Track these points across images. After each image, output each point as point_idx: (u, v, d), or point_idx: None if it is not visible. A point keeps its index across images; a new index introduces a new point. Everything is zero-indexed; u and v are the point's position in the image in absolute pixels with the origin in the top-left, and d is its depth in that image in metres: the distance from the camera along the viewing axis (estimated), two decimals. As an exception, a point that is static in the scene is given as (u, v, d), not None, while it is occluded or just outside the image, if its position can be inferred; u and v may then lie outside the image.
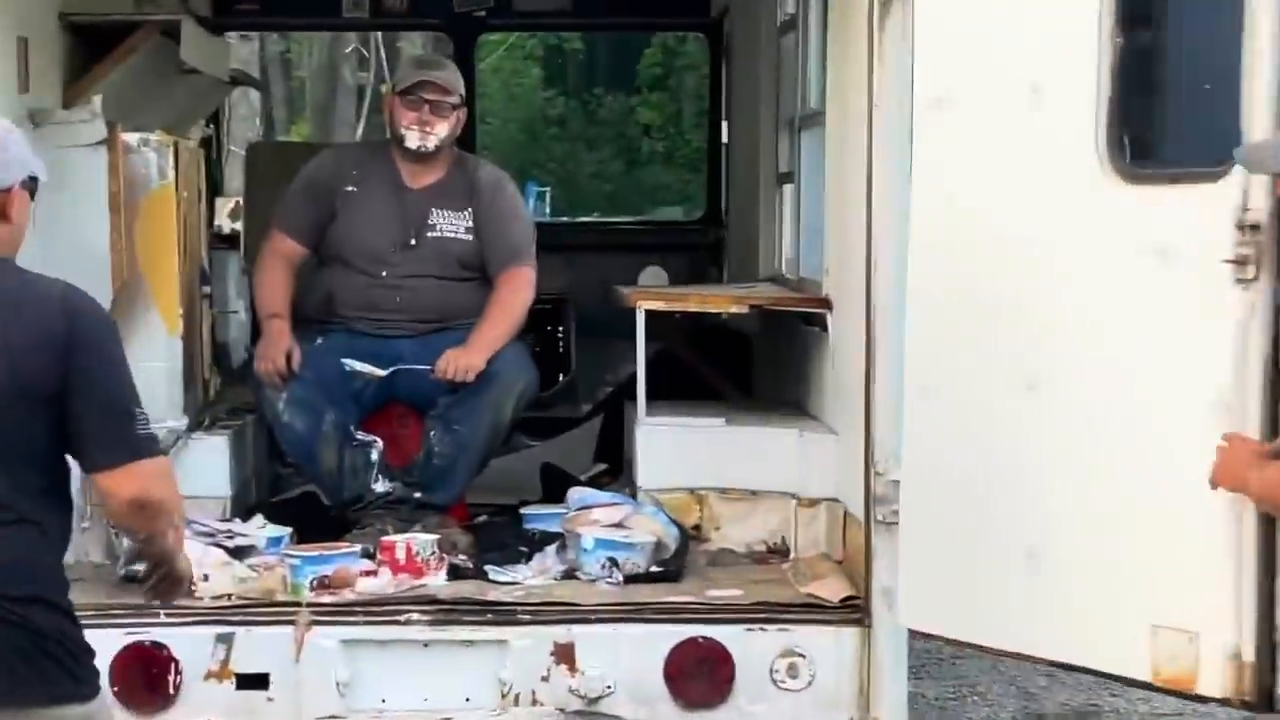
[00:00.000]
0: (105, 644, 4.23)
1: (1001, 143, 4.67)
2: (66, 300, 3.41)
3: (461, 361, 5.98)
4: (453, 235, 6.25)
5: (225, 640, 5.08)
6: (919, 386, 4.83)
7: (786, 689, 5.14)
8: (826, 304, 5.90)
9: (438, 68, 6.35)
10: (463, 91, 6.34)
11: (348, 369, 6.04)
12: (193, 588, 5.19)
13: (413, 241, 6.23)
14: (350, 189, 6.30)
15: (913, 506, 4.89)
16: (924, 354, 4.82)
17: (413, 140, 6.21)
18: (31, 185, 3.54)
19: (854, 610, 5.18)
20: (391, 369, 6.08)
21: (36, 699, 3.36)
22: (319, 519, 6.03)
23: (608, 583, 5.42)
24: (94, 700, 3.49)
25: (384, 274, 6.21)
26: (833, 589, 5.30)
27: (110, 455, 3.42)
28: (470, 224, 6.27)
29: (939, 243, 4.79)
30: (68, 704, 3.41)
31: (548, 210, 26.55)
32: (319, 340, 6.12)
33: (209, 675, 5.08)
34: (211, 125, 9.45)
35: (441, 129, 6.22)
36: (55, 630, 3.40)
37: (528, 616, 5.21)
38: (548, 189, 28.31)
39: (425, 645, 5.17)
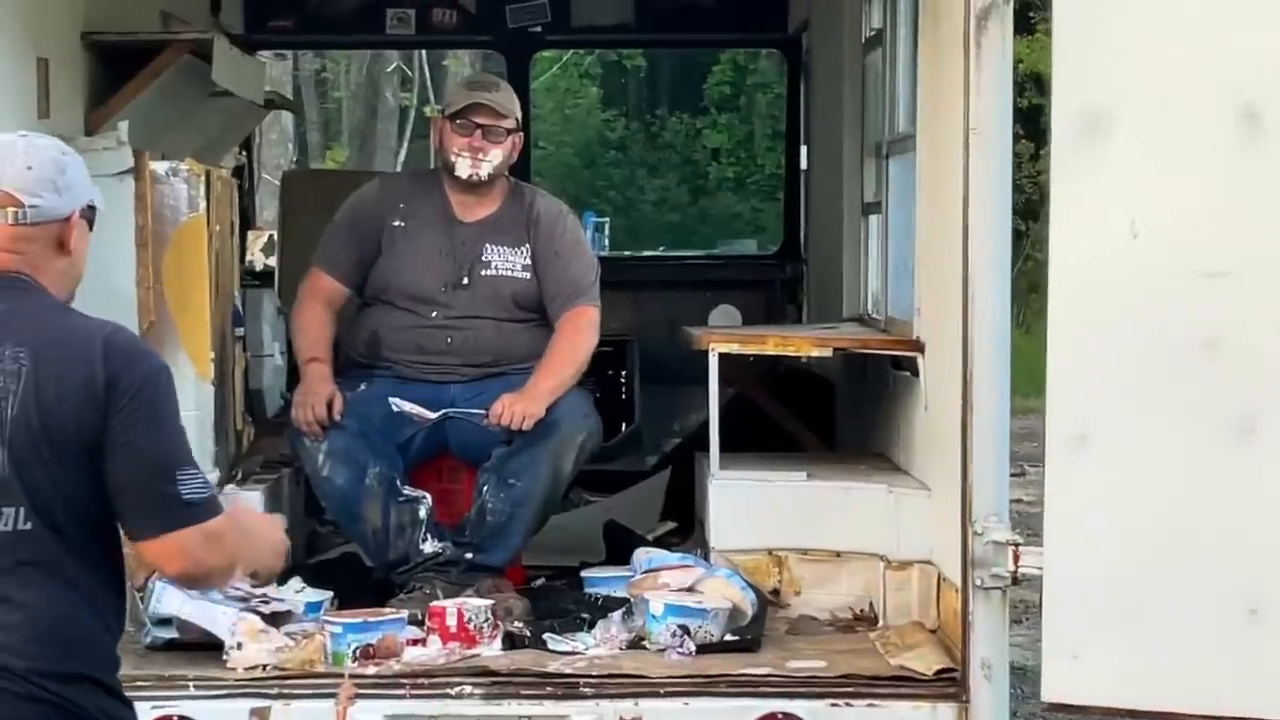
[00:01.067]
0: (131, 719, 4.24)
1: (1198, 169, 4.70)
2: (109, 345, 3.40)
3: (518, 408, 6.00)
4: (508, 273, 6.28)
5: (260, 715, 5.09)
6: (1069, 437, 4.84)
7: (875, 771, 5.12)
8: (918, 346, 5.89)
9: (491, 89, 6.38)
10: (519, 115, 6.38)
11: (395, 408, 6.06)
12: (225, 658, 5.22)
13: (465, 280, 6.26)
14: (397, 223, 6.33)
15: (1061, 567, 4.87)
16: (1075, 401, 4.84)
17: (464, 169, 6.25)
18: (90, 215, 3.57)
19: (950, 684, 5.15)
20: (441, 413, 6.10)
21: None
22: (362, 582, 6.05)
23: (678, 653, 5.41)
24: None
25: (434, 315, 6.24)
26: (926, 661, 5.28)
27: (151, 525, 3.39)
28: (527, 261, 6.30)
29: (1099, 279, 4.82)
30: None
31: (607, 243, 26.69)
32: (362, 386, 6.15)
33: (242, 754, 5.10)
34: (244, 152, 9.55)
35: (495, 156, 6.25)
36: (96, 708, 3.40)
37: (590, 690, 5.19)
38: (607, 220, 28.47)
39: (478, 721, 5.18)
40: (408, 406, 6.07)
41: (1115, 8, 4.84)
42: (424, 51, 24.81)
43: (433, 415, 6.08)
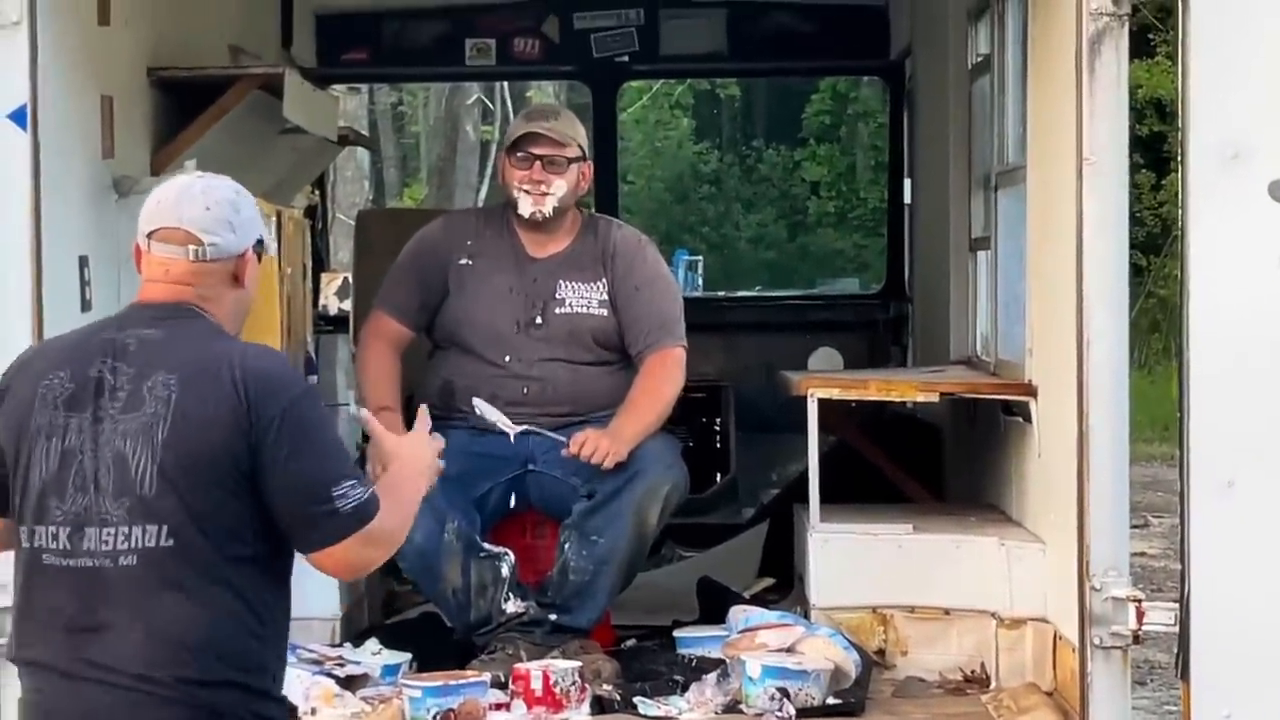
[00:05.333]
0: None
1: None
2: (247, 372, 3.67)
3: (603, 443, 5.99)
4: (585, 310, 6.28)
5: (335, 784, 5.12)
6: (1214, 484, 4.85)
7: (989, 843, 5.10)
8: (1030, 390, 5.87)
9: (548, 117, 6.37)
10: (583, 142, 6.36)
11: (477, 410, 6.06)
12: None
13: (538, 320, 6.28)
14: (464, 261, 6.35)
15: (1207, 622, 4.86)
16: (1220, 447, 4.85)
17: (526, 206, 6.25)
18: (259, 249, 3.89)
19: (1068, 750, 5.13)
20: (523, 428, 6.09)
21: None
22: (442, 643, 6.07)
23: (777, 717, 5.40)
24: None
25: (506, 359, 6.24)
26: (1042, 725, 5.25)
27: (312, 541, 3.69)
28: (605, 296, 6.30)
29: (1242, 318, 4.84)
30: None
31: (700, 283, 26.75)
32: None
33: (317, 824, 5.13)
34: (316, 190, 9.63)
35: (559, 188, 6.25)
36: (246, 711, 3.65)
37: (684, 757, 5.21)
38: (700, 258, 28.53)
39: (566, 790, 5.19)
40: (490, 414, 6.06)
41: (1249, 29, 4.83)
42: (506, 83, 24.93)
43: (515, 428, 6.07)
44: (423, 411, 4.08)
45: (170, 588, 3.62)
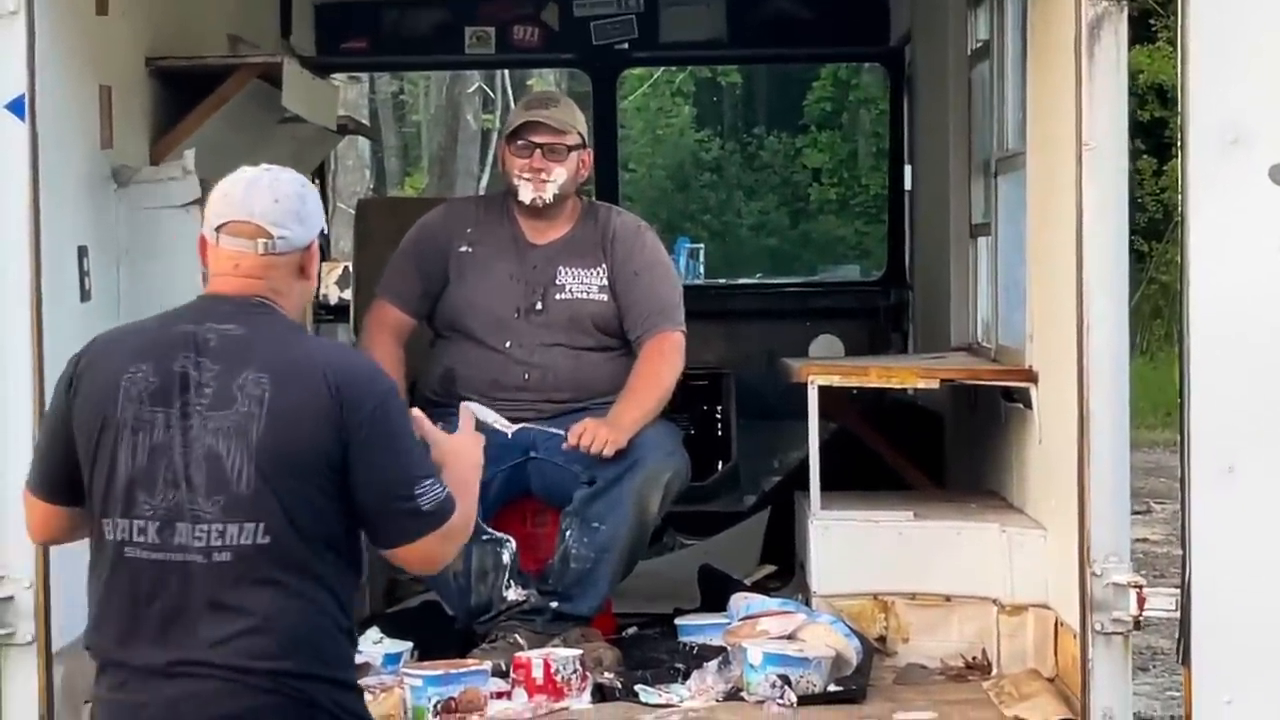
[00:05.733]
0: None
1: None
2: (338, 372, 3.78)
3: (601, 432, 6.00)
4: (585, 295, 6.29)
5: (337, 773, 5.11)
6: (1214, 469, 4.86)
7: (990, 829, 5.11)
8: (1030, 376, 5.87)
9: (548, 105, 6.39)
10: (583, 130, 6.38)
11: (472, 412, 6.05)
12: None
13: (539, 306, 6.29)
14: (464, 249, 6.37)
15: (1209, 608, 4.87)
16: (1220, 432, 4.86)
17: (526, 193, 6.27)
18: (322, 241, 4.02)
19: (1069, 736, 5.13)
20: (519, 426, 6.09)
21: None
22: (443, 632, 6.07)
23: (778, 704, 5.41)
24: None
25: (507, 345, 6.26)
26: (1043, 711, 5.25)
27: (394, 538, 3.83)
28: (604, 281, 6.31)
29: (1243, 302, 4.85)
30: None
31: (702, 271, 26.75)
32: (439, 426, 6.15)
33: (319, 814, 5.12)
34: (317, 180, 9.62)
35: (559, 175, 6.27)
36: (331, 702, 3.77)
37: (686, 745, 5.21)
38: (701, 246, 28.54)
39: (567, 778, 5.20)
40: (486, 414, 6.06)
41: (1249, 14, 4.83)
42: (507, 71, 24.91)
43: (511, 427, 6.07)
44: (466, 409, 4.23)
45: (265, 583, 3.72)
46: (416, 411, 4.19)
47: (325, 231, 4.08)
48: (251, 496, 3.70)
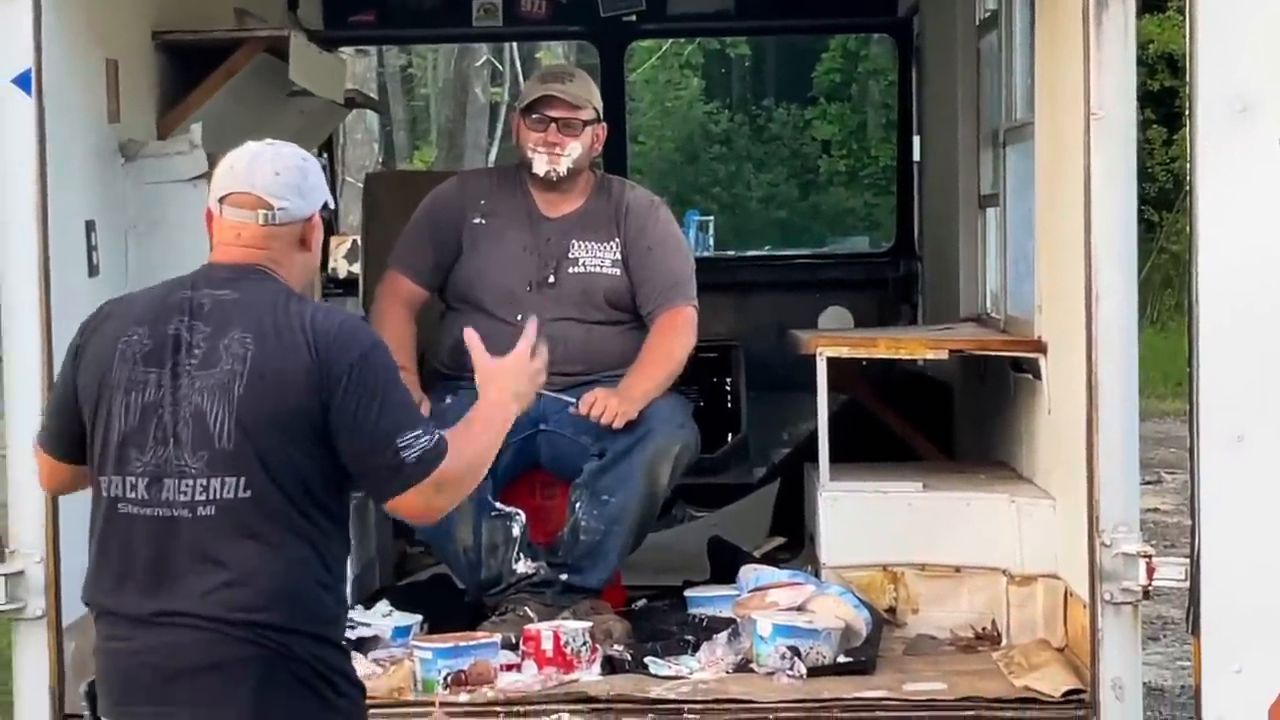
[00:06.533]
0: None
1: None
2: (317, 332, 3.89)
3: (612, 402, 6.01)
4: (598, 269, 6.29)
5: (347, 746, 5.12)
6: (1224, 439, 4.86)
7: (1000, 799, 5.11)
8: (1039, 346, 5.86)
9: (564, 79, 6.39)
10: (598, 104, 6.38)
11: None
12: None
13: (551, 279, 6.29)
14: (478, 221, 6.36)
15: (1219, 577, 4.88)
16: (1230, 401, 4.87)
17: (540, 165, 6.27)
18: (326, 214, 4.09)
19: (1079, 706, 5.13)
20: None
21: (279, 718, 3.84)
22: (453, 605, 6.08)
23: (788, 676, 5.41)
24: None
25: (519, 317, 6.24)
26: (1053, 682, 5.25)
27: (384, 490, 3.94)
28: (617, 256, 6.31)
29: (1253, 271, 4.85)
30: None
31: (711, 243, 26.70)
32: (448, 400, 6.16)
33: (329, 786, 5.12)
34: (324, 153, 9.61)
35: (573, 150, 6.27)
36: (311, 656, 3.87)
37: (695, 716, 5.20)
38: (711, 218, 28.49)
39: (577, 750, 5.20)
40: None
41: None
42: (515, 45, 24.87)
43: None
44: (531, 323, 4.32)
45: (248, 537, 3.84)
46: (470, 331, 4.31)
47: (330, 205, 4.12)
48: (233, 451, 3.83)
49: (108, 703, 3.94)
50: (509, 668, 5.44)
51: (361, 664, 5.39)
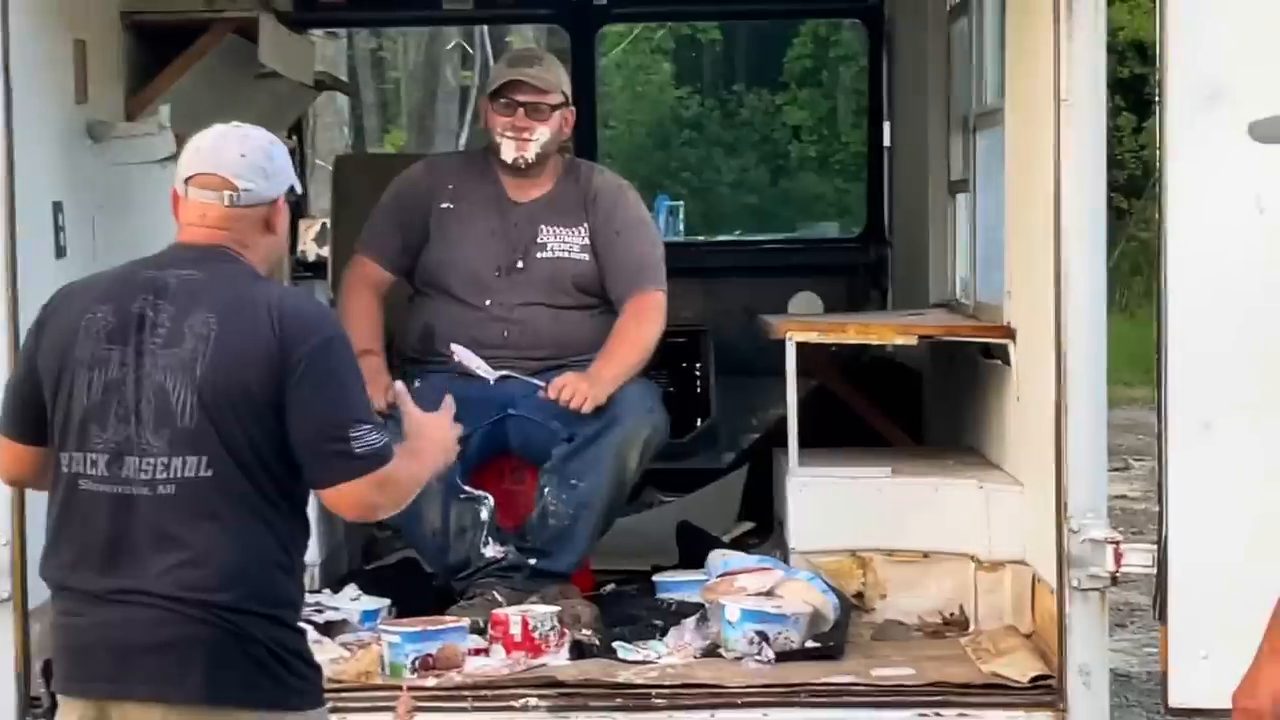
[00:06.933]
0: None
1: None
2: (282, 314, 3.88)
3: (581, 386, 6.00)
4: (566, 254, 6.28)
5: (315, 729, 5.12)
6: (1191, 425, 4.89)
7: (967, 785, 5.12)
8: (1008, 332, 5.87)
9: (532, 63, 6.37)
10: (566, 89, 6.36)
11: (455, 358, 6.07)
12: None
13: (520, 264, 6.28)
14: (445, 205, 6.35)
15: (1185, 563, 4.91)
16: (1197, 388, 4.89)
17: (509, 151, 6.25)
18: (291, 198, 4.10)
19: (1046, 692, 5.14)
20: (501, 373, 6.10)
21: (234, 701, 3.85)
22: (421, 589, 6.07)
23: (756, 661, 5.41)
24: (311, 711, 3.97)
25: (487, 303, 6.25)
26: (1021, 668, 5.26)
27: (325, 477, 3.92)
28: (586, 241, 6.30)
29: (1221, 258, 4.87)
30: (271, 709, 3.88)
31: (681, 228, 26.68)
32: (416, 384, 6.11)
33: (296, 770, 5.12)
34: (294, 136, 9.58)
35: (541, 134, 6.25)
36: (266, 636, 3.87)
37: (663, 701, 5.21)
38: (681, 204, 28.46)
39: (545, 735, 5.19)
40: (469, 361, 6.07)
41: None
42: (486, 28, 24.82)
43: (494, 373, 6.08)
44: (448, 400, 4.28)
45: (206, 517, 3.84)
46: (399, 385, 4.33)
47: (296, 190, 4.13)
48: (194, 430, 3.83)
49: (63, 678, 3.94)
50: (477, 652, 5.44)
51: (329, 648, 5.40)
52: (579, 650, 5.51)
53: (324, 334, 3.92)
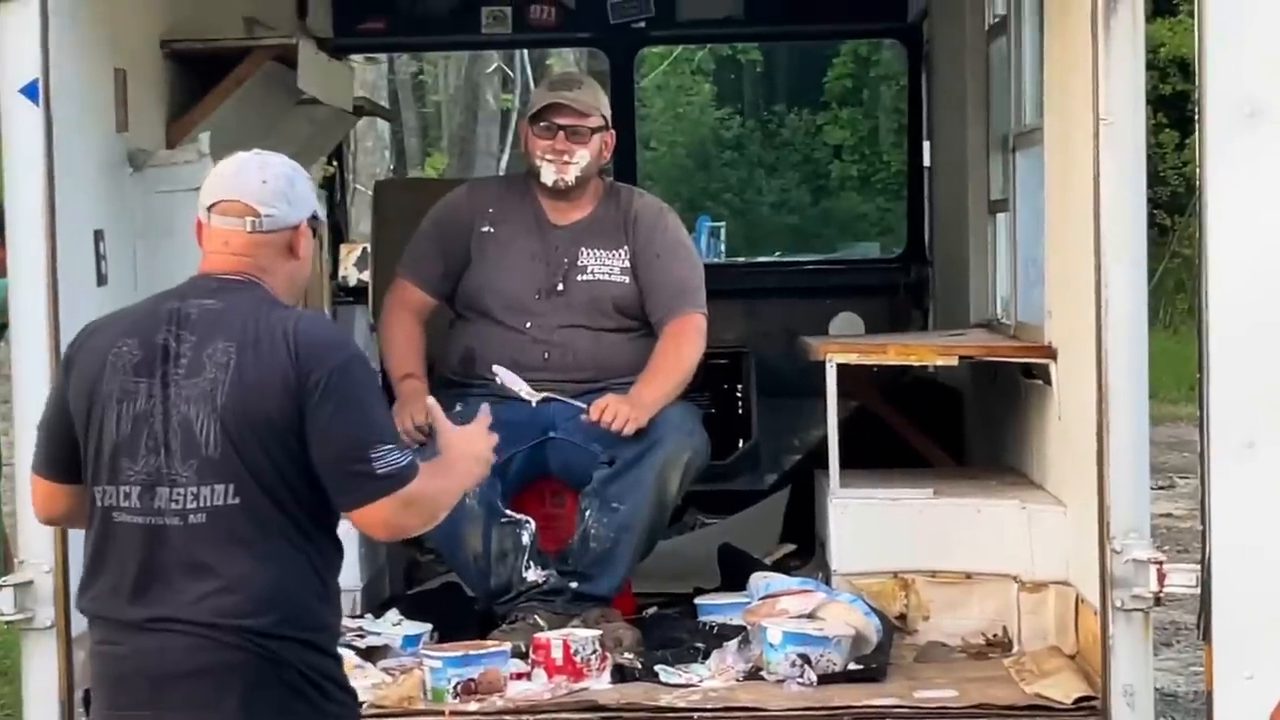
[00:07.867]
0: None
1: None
2: (298, 339, 3.90)
3: (623, 409, 6.01)
4: (606, 277, 6.29)
5: (357, 755, 5.12)
6: (1234, 444, 4.86)
7: (1011, 807, 5.10)
8: (1050, 352, 5.86)
9: (571, 87, 6.40)
10: (606, 111, 6.38)
11: (498, 378, 6.08)
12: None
13: (560, 286, 6.29)
14: (486, 229, 6.37)
15: (1230, 583, 4.87)
16: (1240, 406, 4.86)
17: (549, 175, 6.27)
18: (315, 224, 4.13)
19: (1090, 713, 5.12)
20: (543, 395, 6.12)
21: None
22: (463, 614, 6.08)
23: (798, 684, 5.40)
24: None
25: (528, 325, 6.26)
26: (1064, 689, 5.24)
27: (350, 500, 3.92)
28: (626, 264, 6.31)
29: (1263, 275, 4.84)
30: None
31: (723, 249, 26.70)
32: (458, 407, 6.12)
33: (339, 796, 5.12)
34: (334, 162, 9.63)
35: (581, 158, 6.27)
36: (300, 661, 3.90)
37: (705, 724, 5.21)
38: (722, 224, 28.47)
39: (587, 759, 5.20)
40: (511, 379, 6.08)
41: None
42: (526, 51, 24.89)
43: (537, 394, 6.09)
44: (484, 408, 4.27)
45: (237, 544, 3.87)
46: (432, 401, 4.32)
47: (319, 216, 4.16)
48: (219, 459, 3.86)
49: (102, 707, 3.98)
50: (519, 676, 5.43)
51: (371, 673, 5.41)
52: (621, 674, 5.50)
53: (341, 356, 3.94)
